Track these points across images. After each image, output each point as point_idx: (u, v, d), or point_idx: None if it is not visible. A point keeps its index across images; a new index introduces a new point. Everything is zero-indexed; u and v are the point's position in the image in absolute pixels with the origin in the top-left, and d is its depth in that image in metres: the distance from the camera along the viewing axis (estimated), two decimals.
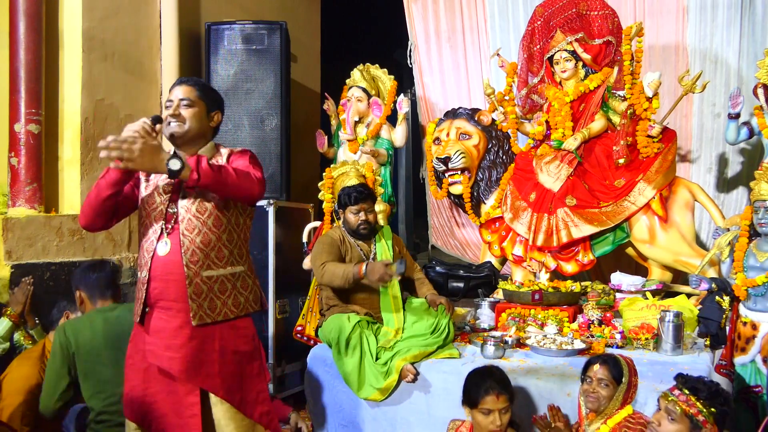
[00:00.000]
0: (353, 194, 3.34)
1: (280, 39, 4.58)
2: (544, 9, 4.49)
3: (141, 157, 1.98)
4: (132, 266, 4.02)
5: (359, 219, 3.33)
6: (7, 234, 3.28)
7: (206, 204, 2.22)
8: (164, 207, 2.23)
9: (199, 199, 2.22)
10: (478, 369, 2.58)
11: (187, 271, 2.19)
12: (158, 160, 2.00)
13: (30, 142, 3.51)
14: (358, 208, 3.33)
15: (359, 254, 3.37)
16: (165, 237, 2.21)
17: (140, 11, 4.22)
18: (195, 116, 2.26)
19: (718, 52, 4.85)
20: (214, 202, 2.23)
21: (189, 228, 2.21)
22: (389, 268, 2.93)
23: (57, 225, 3.56)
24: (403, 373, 3.05)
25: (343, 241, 3.38)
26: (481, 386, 2.44)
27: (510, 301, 3.66)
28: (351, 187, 3.47)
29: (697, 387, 2.12)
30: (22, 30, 3.49)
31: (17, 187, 3.50)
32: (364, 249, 3.39)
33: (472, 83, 5.72)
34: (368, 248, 3.41)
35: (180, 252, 2.19)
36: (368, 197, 3.38)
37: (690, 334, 3.31)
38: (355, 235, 3.38)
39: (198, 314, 2.19)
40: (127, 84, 4.10)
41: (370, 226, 3.37)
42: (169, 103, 2.27)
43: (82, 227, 2.29)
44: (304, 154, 5.60)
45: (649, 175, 4.07)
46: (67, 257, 3.60)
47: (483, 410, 2.42)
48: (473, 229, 5.36)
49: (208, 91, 2.34)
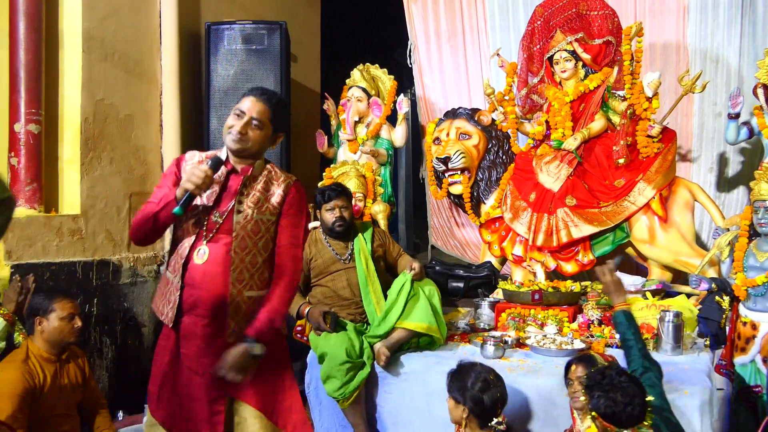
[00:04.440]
0: (327, 192, 3.38)
1: (280, 39, 4.58)
2: (544, 9, 4.48)
3: None
4: (132, 266, 4.02)
5: (334, 216, 3.35)
6: (7, 234, 3.27)
7: (261, 226, 2.23)
8: (205, 214, 2.20)
9: (255, 221, 2.22)
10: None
11: (232, 289, 2.19)
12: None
13: (30, 142, 3.50)
14: (332, 206, 3.35)
15: (331, 256, 3.38)
16: (203, 245, 2.18)
17: (140, 11, 4.22)
18: (260, 138, 2.21)
19: (718, 52, 4.85)
20: (266, 225, 2.24)
21: (241, 246, 2.20)
22: (326, 318, 3.09)
23: (57, 225, 3.56)
24: (376, 355, 3.08)
25: (312, 245, 3.40)
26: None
27: (510, 301, 3.66)
28: (326, 186, 3.53)
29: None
30: (22, 30, 3.49)
31: (17, 187, 3.49)
32: (338, 249, 3.39)
33: (472, 83, 5.72)
34: (344, 248, 3.41)
35: (220, 263, 2.17)
36: (342, 194, 3.40)
37: (690, 334, 3.31)
38: (331, 234, 3.39)
39: (233, 333, 2.19)
40: (127, 84, 4.10)
41: (346, 223, 3.37)
42: (240, 113, 2.18)
43: (136, 244, 2.29)
44: (304, 154, 5.60)
45: (649, 175, 4.07)
46: (67, 257, 3.60)
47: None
48: (473, 229, 5.35)
49: (279, 113, 2.26)
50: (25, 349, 2.72)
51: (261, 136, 2.20)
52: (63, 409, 2.76)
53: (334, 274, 3.38)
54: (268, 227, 2.24)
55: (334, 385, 3.04)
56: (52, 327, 2.72)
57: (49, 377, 2.70)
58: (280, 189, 2.28)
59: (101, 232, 3.85)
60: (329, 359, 3.08)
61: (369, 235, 3.46)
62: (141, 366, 3.92)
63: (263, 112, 2.19)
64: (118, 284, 3.91)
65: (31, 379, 2.63)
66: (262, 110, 2.19)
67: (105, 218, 3.89)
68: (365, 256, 3.37)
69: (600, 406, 1.95)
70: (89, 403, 2.96)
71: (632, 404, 1.93)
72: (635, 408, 1.93)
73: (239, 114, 2.18)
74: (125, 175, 4.07)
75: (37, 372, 2.67)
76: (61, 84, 3.75)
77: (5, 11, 3.52)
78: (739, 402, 3.07)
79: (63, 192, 3.77)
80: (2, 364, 2.68)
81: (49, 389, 2.69)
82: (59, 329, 2.73)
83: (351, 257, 3.38)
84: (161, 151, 4.37)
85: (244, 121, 2.17)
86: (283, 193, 2.28)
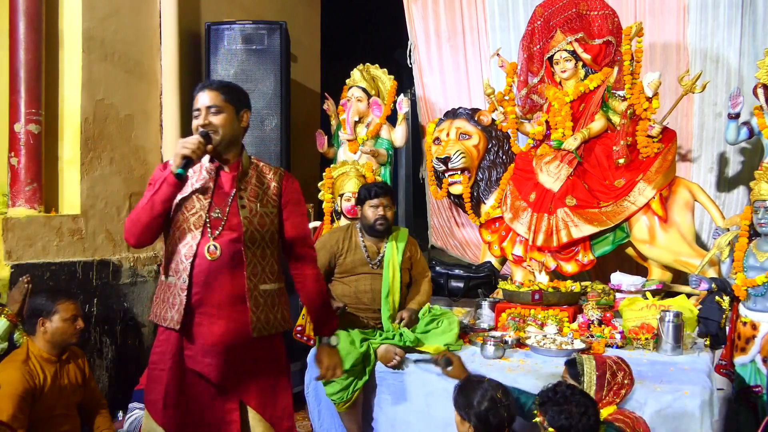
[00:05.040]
0: (374, 189, 3.33)
1: (280, 39, 4.58)
2: (544, 9, 4.48)
3: None
4: (132, 266, 4.02)
5: (377, 214, 3.29)
6: (7, 234, 3.27)
7: (266, 219, 2.25)
8: (204, 212, 2.19)
9: (260, 214, 2.24)
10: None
11: (249, 283, 2.19)
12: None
13: (30, 142, 3.50)
14: (377, 203, 3.29)
15: (362, 257, 3.33)
16: (212, 242, 2.18)
17: (140, 11, 4.22)
18: (226, 122, 2.20)
19: (718, 52, 4.84)
20: (270, 218, 2.26)
21: (252, 240, 2.21)
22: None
23: (57, 225, 3.56)
24: (387, 353, 3.08)
25: (346, 240, 3.35)
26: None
27: (510, 301, 3.66)
28: (372, 183, 3.46)
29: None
30: (22, 30, 3.49)
31: (17, 187, 3.49)
32: (371, 250, 3.35)
33: (472, 83, 5.72)
34: (377, 249, 3.36)
35: (234, 259, 2.18)
36: (388, 193, 3.35)
37: (690, 334, 3.31)
38: (370, 231, 3.34)
39: (257, 327, 2.20)
40: (127, 84, 4.10)
41: (387, 223, 3.33)
42: (197, 112, 2.20)
43: (133, 246, 2.25)
44: (304, 154, 5.60)
45: (649, 175, 4.07)
46: (67, 257, 3.59)
47: None
48: (473, 229, 5.35)
49: (233, 92, 2.27)
50: (26, 349, 2.71)
51: (225, 119, 2.19)
52: (63, 409, 2.76)
53: (359, 276, 3.33)
54: (272, 219, 2.27)
55: (334, 388, 3.03)
56: (54, 328, 2.73)
57: (49, 377, 2.70)
58: (273, 181, 2.31)
59: (101, 232, 3.85)
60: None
61: (402, 245, 3.38)
62: (141, 366, 3.90)
63: (214, 97, 2.20)
64: (118, 284, 3.91)
65: (32, 380, 2.63)
66: (213, 96, 2.20)
67: (105, 218, 3.89)
68: (393, 267, 3.32)
69: (556, 420, 2.02)
70: (89, 404, 2.96)
71: (587, 414, 2.02)
72: (590, 418, 2.02)
73: (196, 113, 2.21)
74: (125, 175, 4.07)
75: (37, 372, 2.67)
76: (61, 84, 3.75)
77: (5, 11, 3.52)
78: (739, 402, 3.07)
79: (63, 192, 3.77)
80: (2, 364, 2.67)
81: (49, 389, 2.69)
82: (62, 330, 2.74)
83: (380, 263, 3.33)
84: (161, 151, 4.37)
85: (202, 114, 2.19)
86: (277, 185, 2.30)
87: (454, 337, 3.22)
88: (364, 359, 3.09)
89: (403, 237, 3.42)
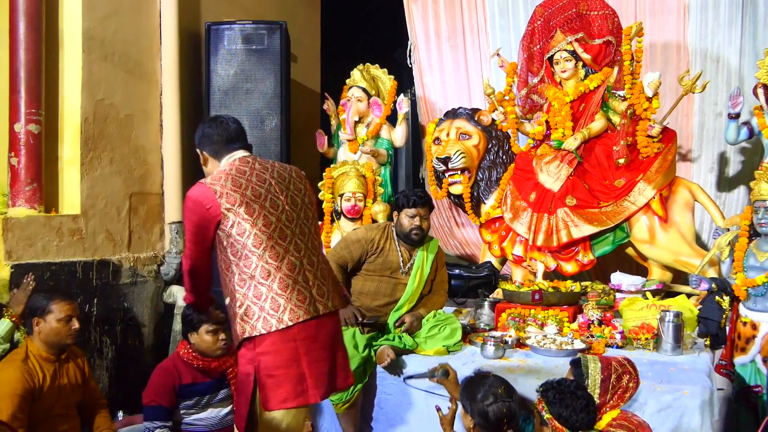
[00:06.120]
0: (413, 197, 3.27)
1: (280, 39, 4.58)
2: (544, 9, 4.48)
3: None
4: (132, 266, 4.02)
5: (413, 224, 3.25)
6: (7, 234, 3.28)
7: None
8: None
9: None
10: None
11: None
12: None
13: (30, 142, 3.50)
14: (415, 212, 3.25)
15: (397, 259, 3.32)
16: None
17: (140, 11, 4.22)
18: (204, 166, 2.44)
19: (719, 52, 4.84)
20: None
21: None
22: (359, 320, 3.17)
23: (57, 225, 3.56)
24: (381, 354, 3.07)
25: (382, 240, 3.32)
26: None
27: (510, 301, 3.65)
28: (411, 190, 3.41)
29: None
30: (22, 30, 3.49)
31: (17, 187, 3.49)
32: (404, 255, 3.34)
33: (472, 83, 5.72)
34: (409, 255, 3.35)
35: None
36: (427, 203, 3.30)
37: (690, 334, 3.31)
38: (405, 240, 3.32)
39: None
40: (127, 84, 4.10)
41: (423, 233, 3.29)
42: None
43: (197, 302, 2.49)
44: (304, 154, 5.60)
45: (649, 175, 4.07)
46: (67, 257, 3.60)
47: None
48: (473, 229, 5.35)
49: (195, 140, 2.45)
50: (25, 348, 2.70)
51: (203, 164, 2.44)
52: (62, 409, 2.75)
53: (385, 279, 3.33)
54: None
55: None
56: (49, 328, 2.68)
57: (48, 377, 2.69)
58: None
59: (101, 232, 3.85)
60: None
61: (432, 256, 3.36)
62: (141, 366, 3.92)
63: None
64: (118, 284, 3.91)
65: (31, 379, 2.61)
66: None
67: (105, 218, 3.89)
68: (420, 276, 3.31)
69: (556, 408, 2.12)
70: (89, 403, 2.95)
71: (587, 410, 2.12)
72: (589, 414, 2.11)
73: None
74: (125, 175, 4.07)
75: (36, 372, 2.65)
76: (61, 84, 3.75)
77: (5, 11, 3.52)
78: (739, 402, 3.07)
79: (63, 192, 3.77)
80: (2, 363, 2.66)
81: (48, 389, 2.68)
82: (56, 331, 2.69)
83: (408, 273, 3.33)
84: (161, 151, 4.37)
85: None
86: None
87: (454, 343, 3.23)
88: (365, 363, 3.09)
89: (433, 248, 3.39)
